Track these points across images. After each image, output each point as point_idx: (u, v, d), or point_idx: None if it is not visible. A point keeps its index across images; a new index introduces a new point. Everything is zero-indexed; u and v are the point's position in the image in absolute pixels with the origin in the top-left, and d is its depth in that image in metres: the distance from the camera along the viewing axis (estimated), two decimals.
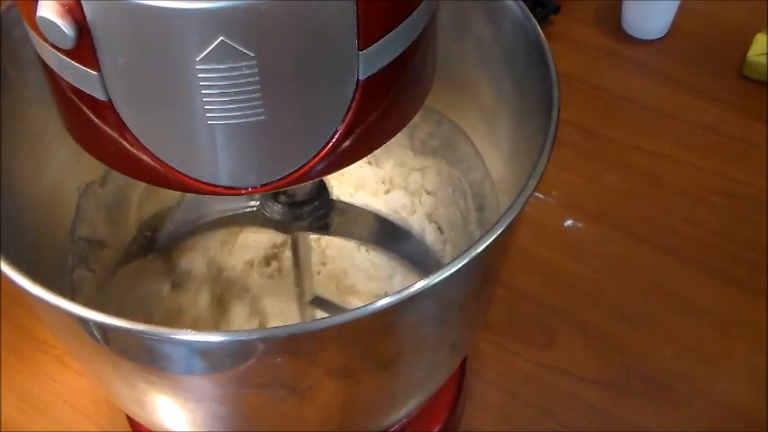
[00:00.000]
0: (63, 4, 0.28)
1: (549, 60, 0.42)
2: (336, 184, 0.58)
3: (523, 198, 0.36)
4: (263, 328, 0.34)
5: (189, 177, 0.33)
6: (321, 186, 0.45)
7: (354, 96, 0.32)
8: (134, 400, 0.44)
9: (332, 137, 0.33)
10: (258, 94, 0.30)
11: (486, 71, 0.50)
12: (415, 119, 0.38)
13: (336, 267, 0.55)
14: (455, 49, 0.50)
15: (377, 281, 0.55)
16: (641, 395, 0.61)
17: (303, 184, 0.38)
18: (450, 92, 0.53)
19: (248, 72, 0.29)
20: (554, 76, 0.41)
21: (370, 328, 0.36)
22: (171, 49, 0.29)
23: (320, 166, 0.34)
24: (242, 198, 0.53)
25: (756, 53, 0.81)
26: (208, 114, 0.30)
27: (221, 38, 0.28)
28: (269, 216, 0.44)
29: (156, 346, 0.35)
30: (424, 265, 0.56)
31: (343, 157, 0.34)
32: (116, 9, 0.28)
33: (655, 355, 0.63)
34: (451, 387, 0.58)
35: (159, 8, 0.27)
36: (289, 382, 0.39)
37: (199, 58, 0.29)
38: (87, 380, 0.62)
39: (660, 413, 0.60)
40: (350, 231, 0.56)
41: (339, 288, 0.55)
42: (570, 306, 0.66)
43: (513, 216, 0.36)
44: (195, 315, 0.54)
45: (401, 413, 0.49)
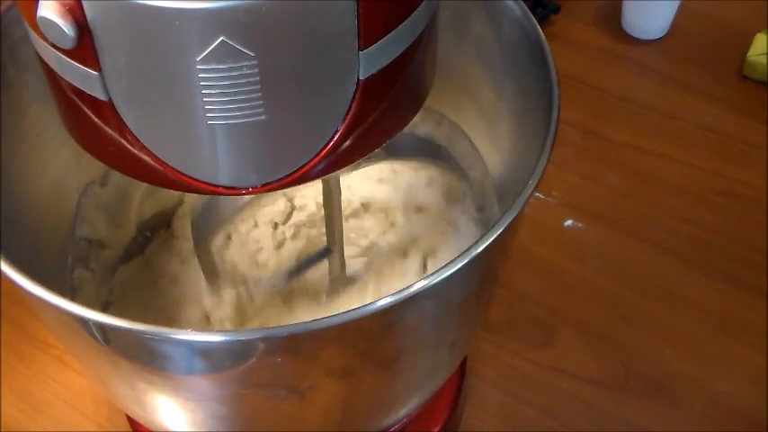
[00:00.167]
0: (64, 4, 0.28)
1: (549, 60, 0.42)
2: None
3: (523, 198, 0.36)
4: (263, 328, 0.34)
5: (189, 177, 0.33)
6: None
7: (355, 96, 0.32)
8: (134, 400, 0.44)
9: (332, 137, 0.33)
10: (258, 94, 0.30)
11: (487, 71, 0.50)
12: (415, 119, 0.38)
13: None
14: (455, 49, 0.50)
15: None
16: (641, 395, 0.61)
17: None
18: (450, 92, 0.53)
19: (249, 72, 0.29)
20: (554, 76, 0.41)
21: (370, 328, 0.36)
22: (171, 49, 0.29)
23: (321, 166, 0.34)
24: None
25: (756, 53, 0.81)
26: (208, 114, 0.30)
27: (222, 38, 0.28)
28: None
29: (156, 346, 0.35)
30: None
31: (343, 157, 0.34)
32: (117, 9, 0.28)
33: (655, 355, 0.63)
34: (451, 387, 0.58)
35: (160, 8, 0.27)
36: (289, 382, 0.39)
37: (199, 58, 0.29)
38: (87, 380, 0.62)
39: (660, 413, 0.60)
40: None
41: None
42: (570, 306, 0.66)
43: (513, 216, 0.36)
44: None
45: (401, 413, 0.49)
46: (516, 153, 0.48)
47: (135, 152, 0.33)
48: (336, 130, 0.33)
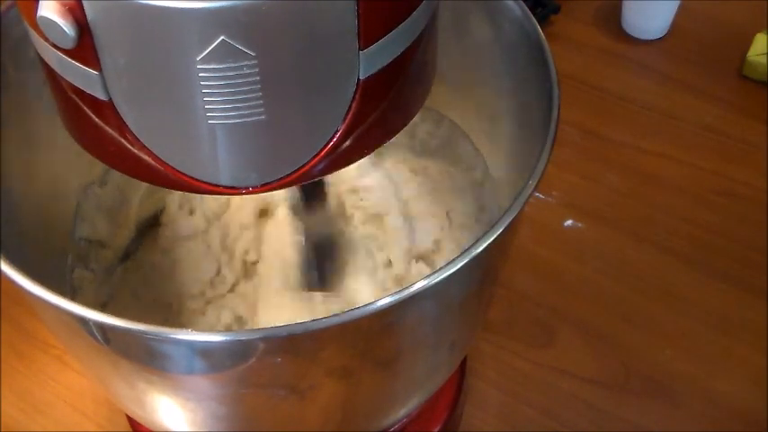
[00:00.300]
0: (64, 4, 0.28)
1: (549, 60, 0.42)
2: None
3: (523, 198, 0.36)
4: (263, 328, 0.34)
5: (189, 177, 0.33)
6: None
7: (355, 96, 0.32)
8: (134, 400, 0.44)
9: (332, 136, 0.33)
10: (259, 94, 0.30)
11: (487, 71, 0.50)
12: (415, 119, 0.38)
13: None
14: (455, 49, 0.50)
15: None
16: (641, 395, 0.61)
17: None
18: (450, 92, 0.53)
19: (249, 72, 0.29)
20: (554, 76, 0.41)
21: (370, 327, 0.36)
22: (172, 49, 0.29)
23: (321, 166, 0.34)
24: None
25: (756, 53, 0.81)
26: (208, 114, 0.30)
27: (222, 37, 0.28)
28: None
29: (156, 345, 0.35)
30: None
31: (343, 157, 0.34)
32: (117, 9, 0.28)
33: (655, 355, 0.63)
34: (451, 387, 0.58)
35: (160, 8, 0.27)
36: (289, 382, 0.39)
37: (199, 58, 0.29)
38: (87, 380, 0.62)
39: (660, 413, 0.60)
40: None
41: None
42: (570, 306, 0.66)
43: (513, 216, 0.36)
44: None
45: (401, 413, 0.49)
46: (516, 153, 0.48)
47: (135, 152, 0.33)
48: (337, 130, 0.33)
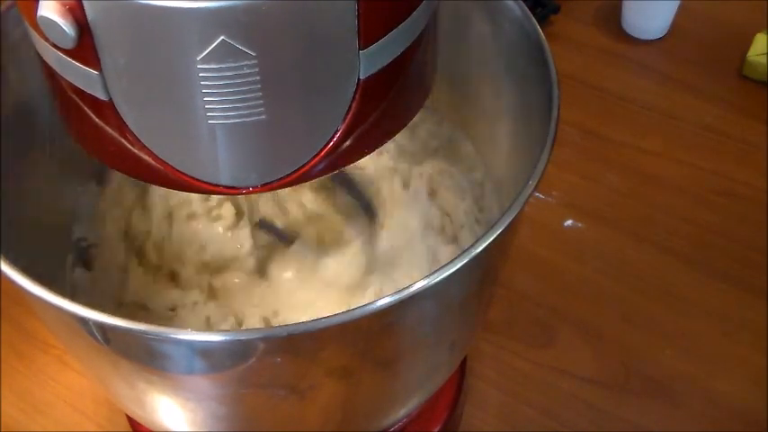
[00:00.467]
0: (64, 4, 0.28)
1: (549, 60, 0.42)
2: None
3: (523, 198, 0.36)
4: (263, 328, 0.34)
5: (189, 177, 0.33)
6: None
7: (355, 96, 0.32)
8: (134, 400, 0.44)
9: (332, 136, 0.33)
10: (259, 94, 0.30)
11: (486, 71, 0.50)
12: (416, 119, 0.38)
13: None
14: (455, 49, 0.50)
15: None
16: (641, 395, 0.61)
17: None
18: (450, 92, 0.53)
19: (249, 71, 0.29)
20: (554, 76, 0.41)
21: (370, 327, 0.36)
22: (172, 49, 0.29)
23: (321, 166, 0.34)
24: None
25: (756, 53, 0.81)
26: (208, 114, 0.30)
27: (222, 37, 0.28)
28: None
29: (156, 345, 0.35)
30: None
31: (343, 157, 0.34)
32: (117, 9, 0.28)
33: (655, 355, 0.63)
34: (451, 387, 0.58)
35: (160, 8, 0.27)
36: (289, 382, 0.39)
37: (200, 58, 0.29)
38: (87, 380, 0.62)
39: (660, 413, 0.60)
40: None
41: None
42: (570, 306, 0.66)
43: (513, 216, 0.36)
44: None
45: (401, 413, 0.49)
46: (516, 153, 0.48)
47: (135, 152, 0.33)
48: (337, 130, 0.33)
